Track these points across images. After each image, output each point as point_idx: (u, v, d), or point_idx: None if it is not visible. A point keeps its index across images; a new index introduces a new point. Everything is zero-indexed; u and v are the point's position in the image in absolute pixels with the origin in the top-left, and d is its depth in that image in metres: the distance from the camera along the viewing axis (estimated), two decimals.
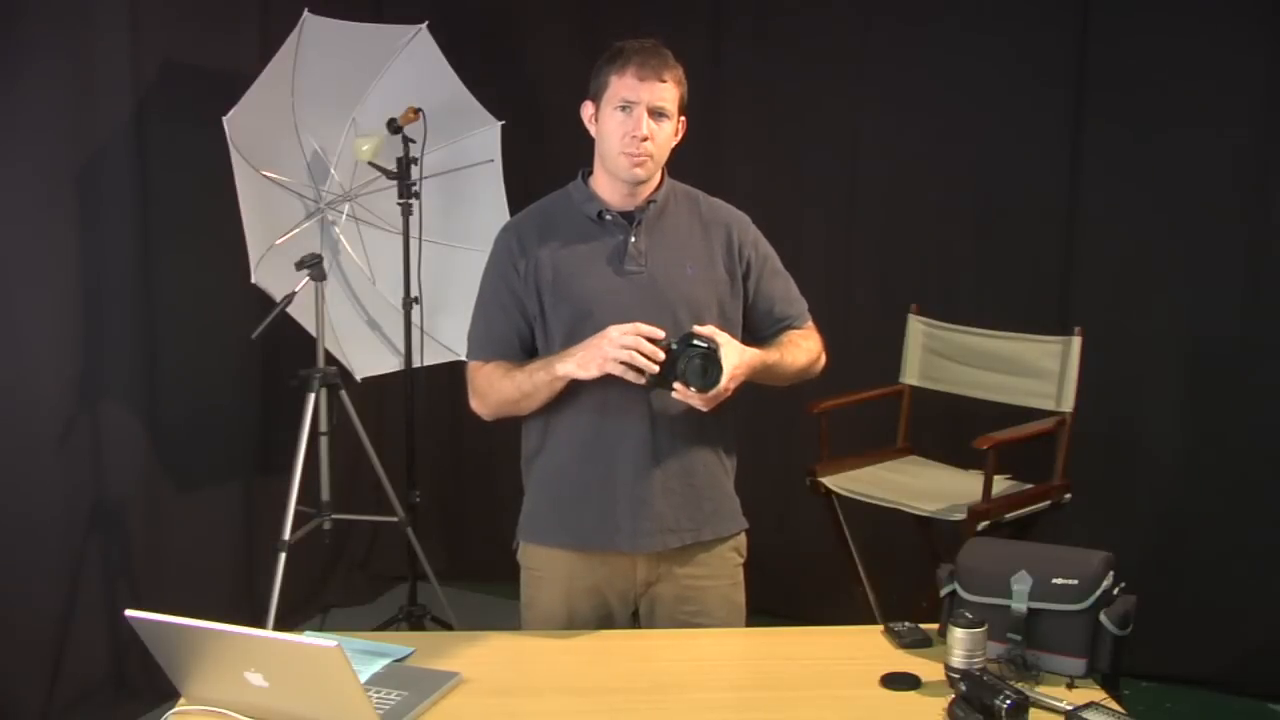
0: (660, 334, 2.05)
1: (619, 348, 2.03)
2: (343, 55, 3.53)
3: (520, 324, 2.21)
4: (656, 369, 2.03)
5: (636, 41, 2.14)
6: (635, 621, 2.28)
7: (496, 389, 2.19)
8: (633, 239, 2.18)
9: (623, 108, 2.12)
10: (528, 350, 2.23)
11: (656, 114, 2.12)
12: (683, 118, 2.20)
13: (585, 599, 2.23)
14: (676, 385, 2.04)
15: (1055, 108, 3.68)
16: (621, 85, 2.11)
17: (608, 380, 2.08)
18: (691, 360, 2.03)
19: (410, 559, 3.74)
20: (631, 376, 2.04)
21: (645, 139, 2.11)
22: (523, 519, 2.31)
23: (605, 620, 2.24)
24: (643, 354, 2.02)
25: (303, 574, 3.88)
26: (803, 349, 2.31)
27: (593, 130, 2.19)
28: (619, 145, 2.13)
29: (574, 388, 2.09)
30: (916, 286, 3.83)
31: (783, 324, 2.33)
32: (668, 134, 2.15)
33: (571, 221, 2.21)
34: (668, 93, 2.12)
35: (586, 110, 2.20)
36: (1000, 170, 3.79)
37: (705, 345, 2.05)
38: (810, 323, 2.37)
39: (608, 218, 2.19)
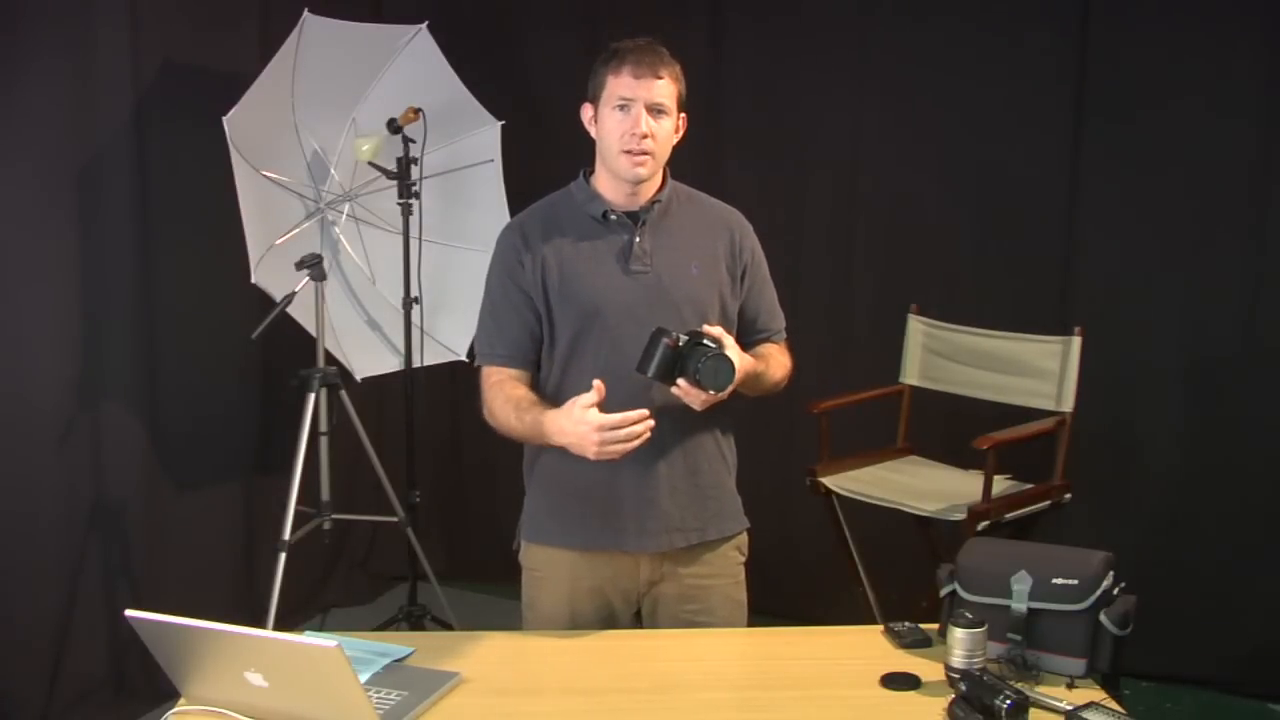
0: (640, 414, 2.00)
1: (611, 445, 1.99)
2: (343, 55, 3.53)
3: (531, 321, 2.20)
4: (649, 435, 2.01)
5: (632, 41, 2.15)
6: (638, 621, 2.28)
7: (500, 418, 2.17)
8: (637, 239, 2.18)
9: (621, 107, 2.12)
10: (538, 348, 2.22)
11: (655, 111, 2.12)
12: (683, 115, 2.20)
13: (588, 599, 2.23)
14: (680, 382, 2.04)
15: (1055, 108, 3.68)
16: (618, 84, 2.12)
17: (612, 384, 2.06)
18: (706, 361, 2.02)
19: (410, 559, 3.74)
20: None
21: (645, 136, 2.11)
22: (524, 519, 2.31)
23: (608, 620, 2.24)
24: (626, 439, 1.99)
25: (303, 574, 3.88)
26: (780, 364, 2.32)
27: (593, 132, 2.19)
28: (619, 144, 2.13)
29: (576, 391, 2.07)
30: (916, 286, 3.83)
31: (762, 335, 2.33)
32: (667, 131, 2.15)
33: (575, 221, 2.21)
34: (665, 89, 2.12)
35: (586, 113, 2.20)
36: (1000, 170, 3.79)
37: (715, 346, 2.05)
38: (784, 339, 2.38)
39: (612, 217, 2.19)
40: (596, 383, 2.01)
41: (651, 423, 2.00)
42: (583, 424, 1.99)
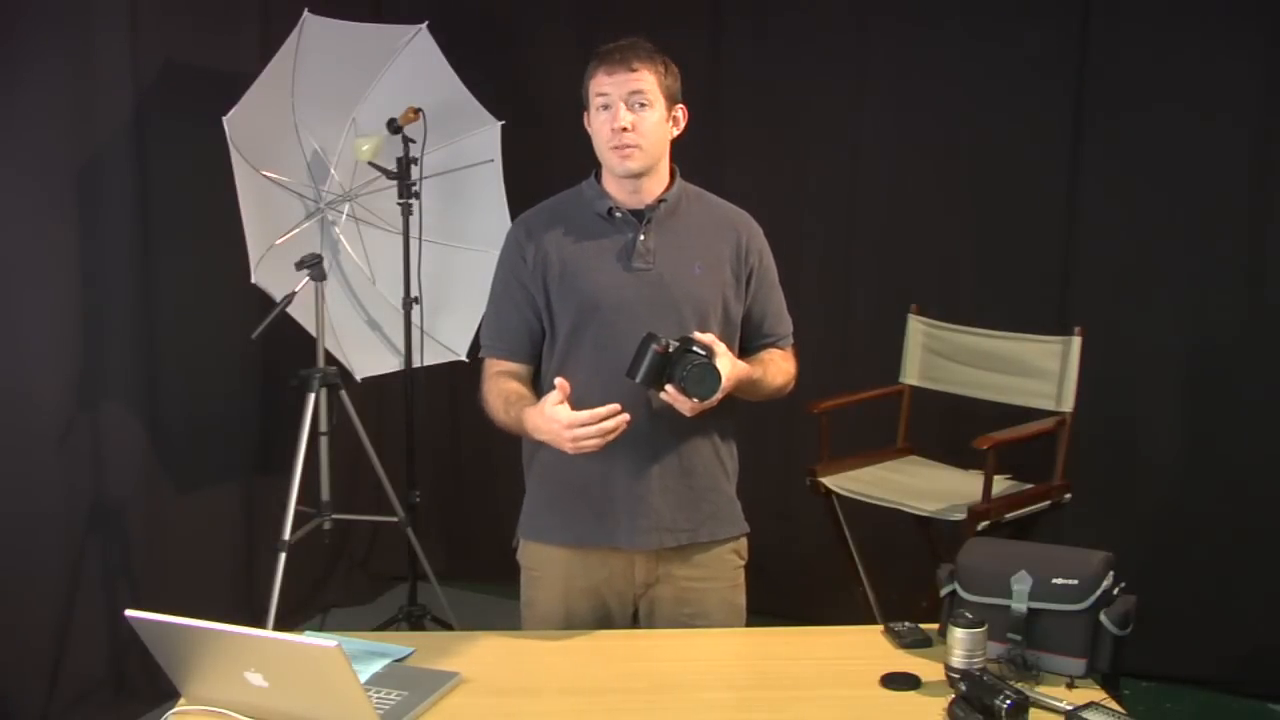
0: (611, 409, 2.01)
1: (584, 439, 2.00)
2: (343, 55, 3.53)
3: (530, 317, 2.22)
4: (624, 427, 2.02)
5: (613, 43, 2.16)
6: (635, 623, 2.28)
7: (493, 411, 2.21)
8: (641, 236, 2.18)
9: (603, 106, 2.14)
10: (538, 343, 2.24)
11: (635, 103, 2.13)
12: (680, 106, 2.20)
13: (583, 600, 2.24)
14: (669, 388, 2.05)
15: (1055, 108, 3.68)
16: (596, 85, 2.15)
17: (608, 380, 2.09)
18: (692, 368, 2.02)
19: (410, 559, 3.74)
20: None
21: (624, 130, 2.12)
22: (523, 517, 2.31)
23: (604, 621, 2.24)
24: (598, 434, 2.00)
25: (303, 574, 3.88)
26: (782, 370, 2.31)
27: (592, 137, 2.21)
28: (605, 142, 2.15)
29: (575, 388, 2.08)
30: (916, 286, 3.83)
31: (768, 340, 2.33)
32: (653, 122, 2.15)
33: (581, 217, 2.22)
34: (641, 80, 2.13)
35: (586, 120, 2.21)
36: (1000, 170, 3.79)
37: (704, 354, 2.05)
38: (792, 344, 2.37)
39: (618, 215, 2.20)
40: (559, 380, 2.04)
41: (625, 416, 2.01)
42: (553, 421, 2.02)
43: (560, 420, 2.01)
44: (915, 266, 3.93)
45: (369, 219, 3.78)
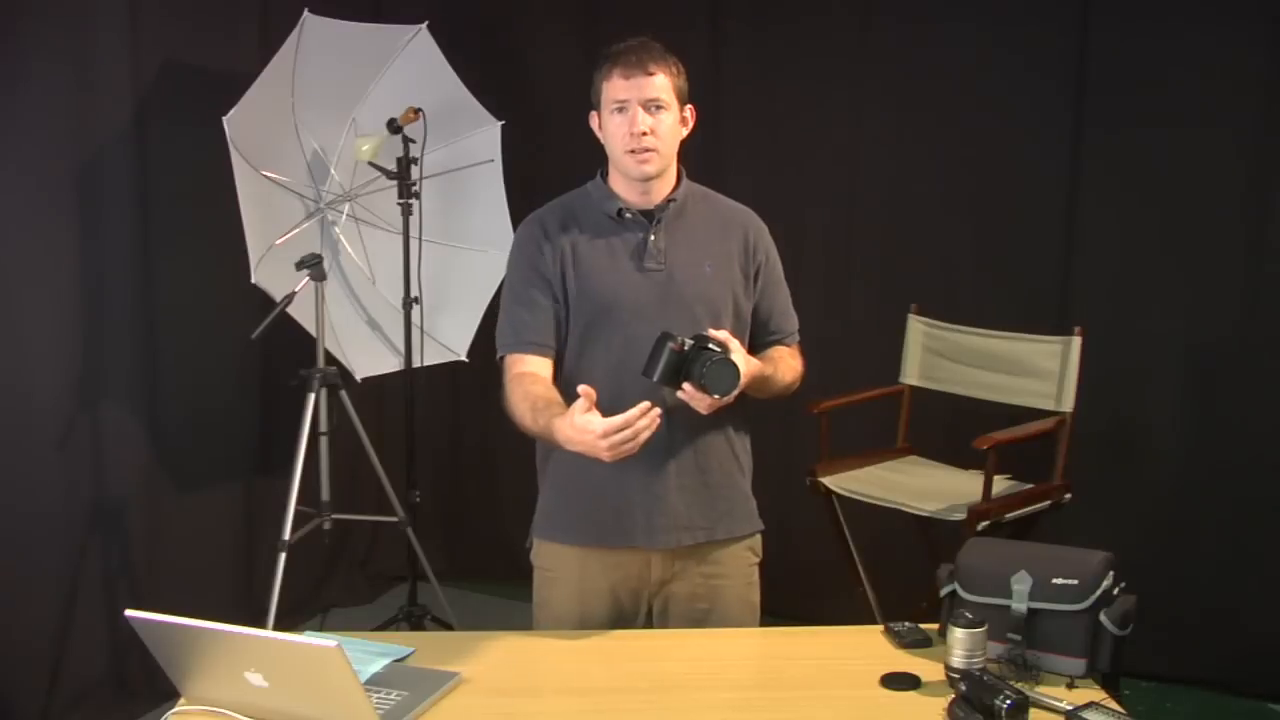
0: (642, 408, 1.96)
1: (620, 444, 1.94)
2: (343, 55, 3.53)
3: (553, 306, 2.20)
4: (657, 424, 1.98)
5: (624, 43, 2.16)
6: (649, 621, 2.27)
7: (517, 416, 2.15)
8: (652, 237, 2.18)
9: (618, 109, 2.14)
10: (561, 333, 2.21)
11: (652, 107, 2.13)
12: (690, 107, 2.21)
13: (598, 599, 2.23)
14: (686, 386, 2.04)
15: (1055, 107, 3.68)
16: (611, 88, 2.14)
17: (623, 378, 2.09)
18: (711, 365, 2.02)
19: (410, 559, 3.74)
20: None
21: (644, 134, 2.12)
22: (537, 517, 2.30)
23: (618, 620, 2.24)
24: (634, 436, 1.95)
25: (303, 574, 3.88)
26: (790, 367, 2.32)
27: (602, 139, 2.21)
28: (622, 146, 2.14)
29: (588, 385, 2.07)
30: (916, 286, 3.83)
31: (775, 337, 2.33)
32: (670, 125, 2.16)
33: (591, 218, 2.22)
34: (657, 84, 2.13)
35: (594, 121, 2.21)
36: (1000, 170, 3.79)
37: (720, 351, 2.05)
38: (798, 341, 2.37)
39: (627, 215, 2.20)
40: (583, 388, 1.98)
41: (657, 412, 1.97)
42: (586, 433, 1.95)
43: (594, 430, 1.94)
44: (915, 266, 3.93)
45: (369, 219, 3.78)
